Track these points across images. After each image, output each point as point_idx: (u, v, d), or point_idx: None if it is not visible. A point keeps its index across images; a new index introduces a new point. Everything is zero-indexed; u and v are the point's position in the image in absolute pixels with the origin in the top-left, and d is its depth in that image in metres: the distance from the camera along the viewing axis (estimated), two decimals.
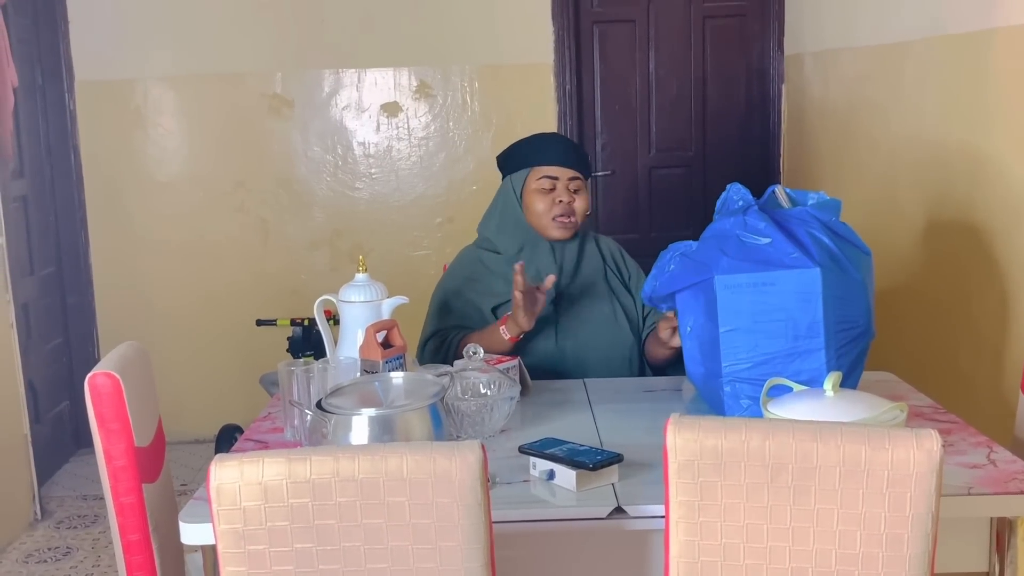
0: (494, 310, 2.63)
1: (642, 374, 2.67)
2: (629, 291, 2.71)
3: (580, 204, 2.64)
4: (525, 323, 2.43)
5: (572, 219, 2.63)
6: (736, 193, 2.27)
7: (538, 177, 2.63)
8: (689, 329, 2.21)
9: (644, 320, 2.69)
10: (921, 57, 3.46)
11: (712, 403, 2.19)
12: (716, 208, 2.30)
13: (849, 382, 2.11)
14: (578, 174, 2.65)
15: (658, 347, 2.56)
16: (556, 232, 2.63)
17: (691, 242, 2.26)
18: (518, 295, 2.39)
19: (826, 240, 2.11)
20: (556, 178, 2.63)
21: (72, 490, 4.34)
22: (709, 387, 2.18)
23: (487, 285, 2.66)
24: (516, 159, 2.70)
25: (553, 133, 2.83)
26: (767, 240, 2.10)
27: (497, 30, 4.84)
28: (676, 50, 5.02)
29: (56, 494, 4.29)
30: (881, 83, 3.81)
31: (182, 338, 4.89)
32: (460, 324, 2.63)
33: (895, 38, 3.65)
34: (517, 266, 2.40)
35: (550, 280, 2.44)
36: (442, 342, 2.60)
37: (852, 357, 2.13)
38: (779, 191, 2.24)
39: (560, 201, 2.61)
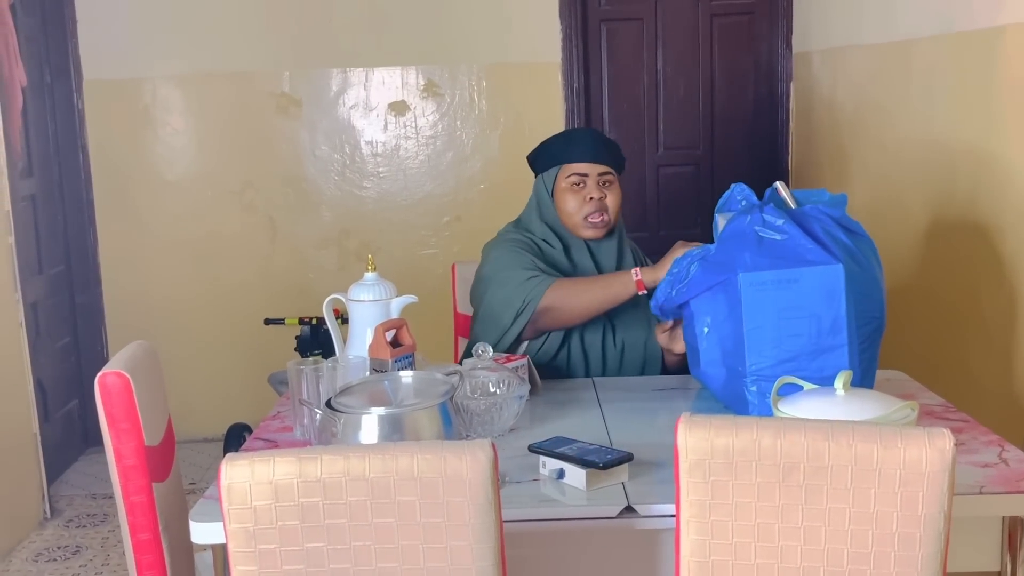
0: None
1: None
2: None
3: (612, 200, 2.59)
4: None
5: (604, 217, 2.57)
6: (740, 193, 2.26)
7: (567, 175, 2.59)
8: (706, 331, 2.19)
9: None
10: (929, 55, 3.45)
11: (733, 404, 2.18)
12: (717, 207, 2.29)
13: (867, 377, 2.10)
14: (609, 169, 2.60)
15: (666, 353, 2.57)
16: (587, 231, 2.59)
17: (707, 246, 2.23)
18: (681, 250, 2.31)
19: (841, 235, 2.11)
20: (585, 175, 2.58)
21: (81, 489, 4.35)
22: (731, 388, 2.17)
23: (544, 262, 2.57)
24: (545, 157, 2.66)
25: (583, 128, 2.76)
26: (785, 236, 2.09)
27: (504, 29, 4.84)
28: (684, 48, 5.01)
29: (65, 493, 4.30)
30: (889, 81, 3.80)
31: (190, 337, 4.89)
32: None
33: (903, 35, 3.64)
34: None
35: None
36: (539, 282, 2.46)
37: (871, 352, 2.13)
38: (781, 187, 2.24)
39: (590, 199, 2.56)
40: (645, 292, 2.40)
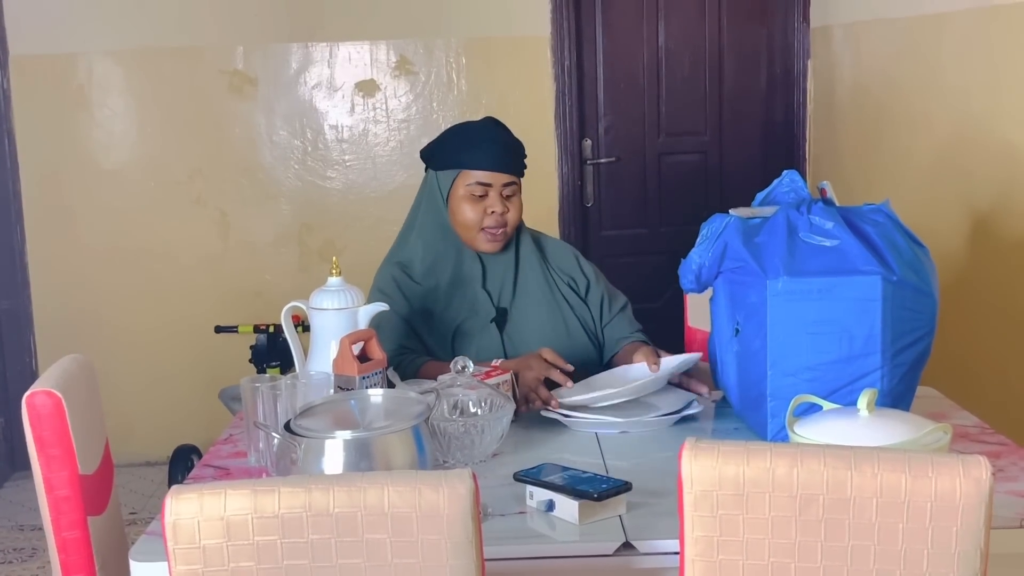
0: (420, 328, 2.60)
1: None
2: (585, 302, 2.69)
3: (514, 214, 2.60)
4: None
5: (504, 230, 2.59)
6: (791, 183, 2.26)
7: (468, 182, 2.59)
8: (737, 332, 2.21)
9: (603, 334, 2.68)
10: (964, 29, 3.46)
11: (751, 420, 2.20)
12: (756, 199, 2.30)
13: (902, 402, 2.11)
14: (514, 178, 2.61)
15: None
16: (485, 245, 2.60)
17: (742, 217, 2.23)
18: (532, 392, 2.35)
19: (900, 240, 2.11)
20: (489, 184, 2.57)
21: (7, 519, 4.33)
22: (748, 401, 2.19)
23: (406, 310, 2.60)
24: (445, 155, 2.66)
25: (490, 127, 2.69)
26: (835, 242, 2.09)
27: None
28: (689, 21, 5.02)
29: None
30: (919, 59, 3.82)
31: (131, 348, 4.88)
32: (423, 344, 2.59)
33: (934, 8, 3.66)
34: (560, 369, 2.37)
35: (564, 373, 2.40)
36: (403, 363, 2.53)
37: (913, 375, 2.13)
38: (828, 188, 2.25)
39: (492, 212, 2.57)
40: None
